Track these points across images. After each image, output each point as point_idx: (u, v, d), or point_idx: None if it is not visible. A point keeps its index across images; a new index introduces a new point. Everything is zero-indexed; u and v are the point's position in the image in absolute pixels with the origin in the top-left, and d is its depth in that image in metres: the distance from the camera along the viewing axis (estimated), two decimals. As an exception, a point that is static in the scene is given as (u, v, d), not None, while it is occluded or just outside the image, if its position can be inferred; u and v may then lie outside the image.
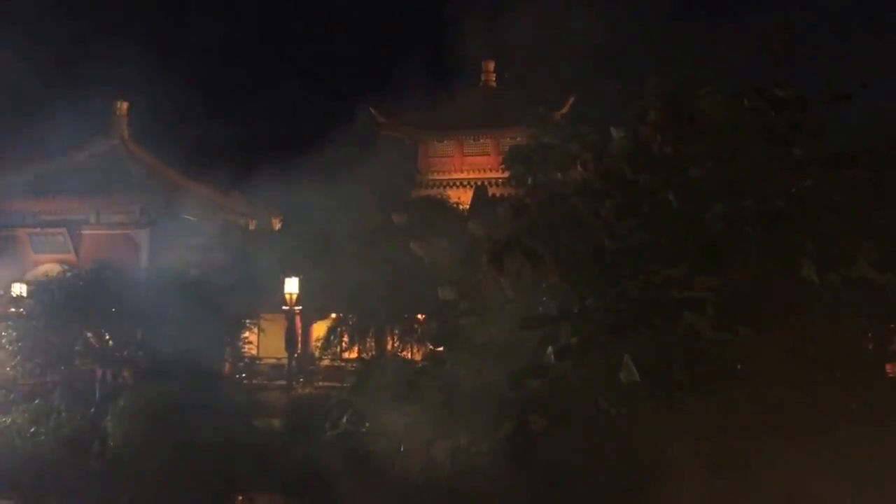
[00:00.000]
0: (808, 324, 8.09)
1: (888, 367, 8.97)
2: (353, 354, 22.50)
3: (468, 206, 24.57)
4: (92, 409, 19.03)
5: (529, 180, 9.60)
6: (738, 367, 8.56)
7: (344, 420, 9.61)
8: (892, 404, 7.99)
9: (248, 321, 23.14)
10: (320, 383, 22.07)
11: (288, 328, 22.60)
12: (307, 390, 21.66)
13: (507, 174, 10.78)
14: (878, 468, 7.98)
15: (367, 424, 9.41)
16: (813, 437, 8.27)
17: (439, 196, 29.60)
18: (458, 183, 35.07)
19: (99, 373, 20.73)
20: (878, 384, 8.38)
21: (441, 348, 10.68)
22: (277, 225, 35.89)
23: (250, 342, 23.49)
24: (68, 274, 22.89)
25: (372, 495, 12.53)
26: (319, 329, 25.66)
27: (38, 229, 31.31)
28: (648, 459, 8.97)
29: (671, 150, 7.75)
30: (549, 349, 8.06)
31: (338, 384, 17.43)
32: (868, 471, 8.00)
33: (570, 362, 8.10)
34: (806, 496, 8.21)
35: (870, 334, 8.52)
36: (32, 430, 18.69)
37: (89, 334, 20.94)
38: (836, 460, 8.15)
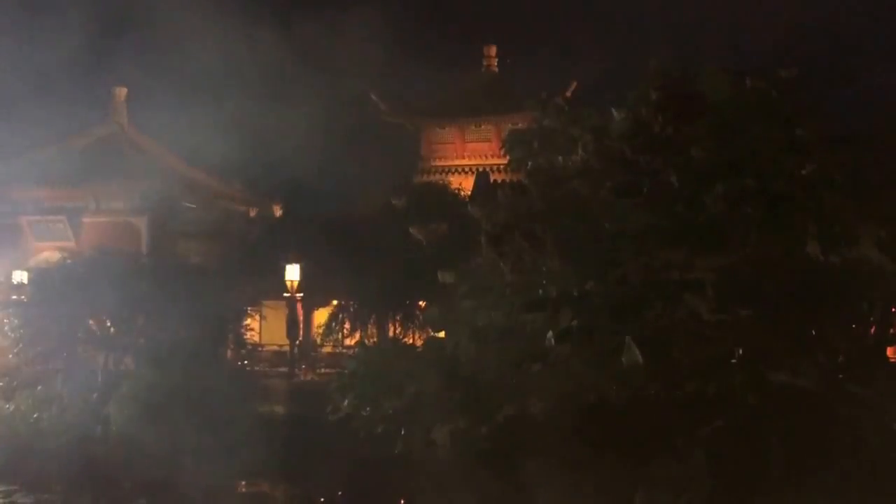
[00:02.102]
0: (810, 307, 8.06)
1: (889, 351, 8.94)
2: (355, 341, 22.51)
3: (469, 193, 24.50)
4: (94, 396, 19.08)
5: (529, 164, 9.54)
6: (739, 350, 8.53)
7: (345, 404, 9.58)
8: (892, 388, 7.96)
9: (249, 308, 23.15)
10: (322, 370, 22.11)
11: (289, 315, 22.62)
12: (309, 377, 21.70)
13: (508, 160, 10.72)
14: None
15: (368, 408, 9.40)
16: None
17: (441, 182, 29.54)
18: (459, 169, 34.96)
19: (101, 359, 20.77)
20: (879, 368, 8.35)
21: (442, 333, 10.68)
22: (278, 212, 35.87)
23: (252, 329, 23.50)
24: (69, 261, 22.85)
25: (372, 477, 12.59)
26: (321, 316, 25.69)
27: (39, 217, 31.26)
28: (648, 443, 8.96)
29: (672, 130, 7.69)
30: (550, 333, 8.05)
31: (339, 370, 17.43)
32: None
33: (570, 346, 8.09)
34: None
35: (871, 318, 8.47)
36: (35, 416, 18.75)
37: (91, 321, 20.96)
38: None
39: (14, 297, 22.63)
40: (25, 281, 23.51)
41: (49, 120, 30.53)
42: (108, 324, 21.01)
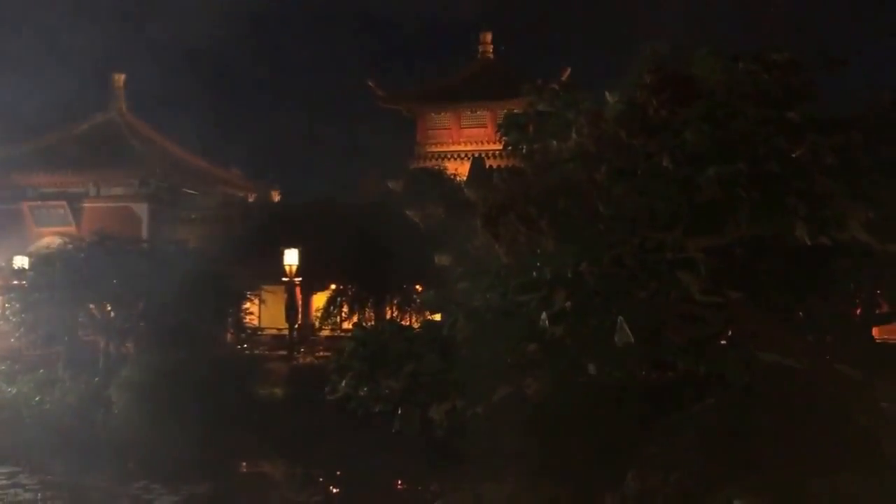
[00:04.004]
0: (799, 288, 8.19)
1: (875, 331, 9.09)
2: (353, 324, 22.67)
3: (465, 178, 24.57)
4: (96, 379, 19.25)
5: (524, 148, 9.61)
6: (730, 331, 8.67)
7: (343, 384, 9.71)
8: (879, 367, 8.12)
9: (248, 292, 23.30)
10: (320, 353, 22.29)
11: (288, 299, 22.77)
12: (308, 360, 21.88)
13: (503, 144, 10.78)
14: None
15: (366, 388, 9.53)
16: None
17: (437, 167, 29.61)
18: (455, 155, 35.08)
19: (102, 343, 20.92)
20: (866, 347, 8.50)
21: (438, 315, 10.81)
22: (276, 197, 36.00)
23: (251, 313, 23.67)
24: (69, 246, 22.94)
25: (370, 456, 12.78)
26: (319, 300, 25.88)
27: (39, 202, 31.41)
28: (641, 421, 9.12)
29: (666, 113, 7.77)
30: (544, 314, 8.16)
31: (338, 352, 17.59)
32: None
33: (564, 326, 8.21)
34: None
35: (858, 299, 8.61)
36: (38, 399, 18.93)
37: (91, 306, 21.09)
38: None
39: (15, 282, 22.74)
40: (27, 266, 23.62)
41: (49, 107, 30.62)
42: (109, 308, 21.15)
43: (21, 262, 24.60)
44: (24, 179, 31.59)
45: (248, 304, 23.24)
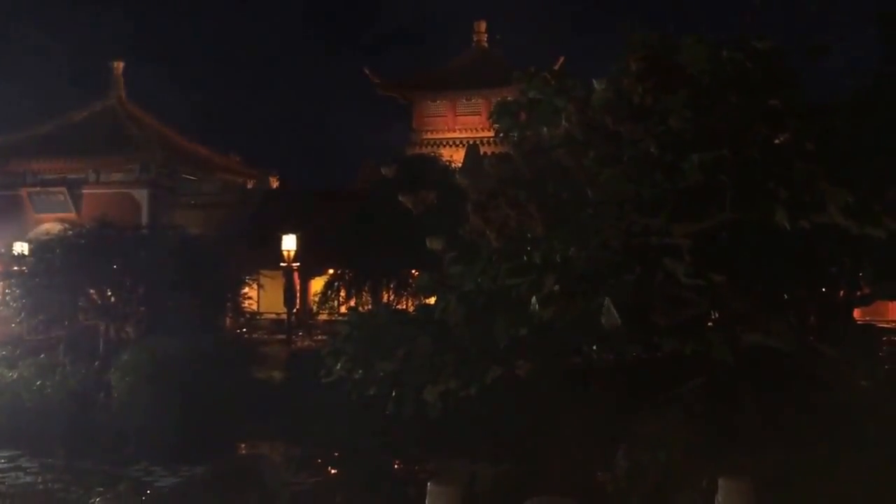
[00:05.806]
0: (782, 271, 8.38)
1: (856, 313, 9.29)
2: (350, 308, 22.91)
3: (460, 165, 24.71)
4: (96, 364, 19.41)
5: (515, 135, 9.76)
6: (715, 313, 8.87)
7: (338, 367, 9.90)
8: (860, 347, 8.33)
9: (247, 277, 23.48)
10: (318, 337, 22.53)
11: (286, 284, 22.97)
12: (306, 343, 22.13)
13: (495, 133, 10.90)
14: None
15: (361, 371, 9.72)
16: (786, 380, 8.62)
17: (432, 154, 29.79)
18: (450, 142, 35.28)
19: (102, 328, 21.09)
20: (847, 329, 8.71)
21: (432, 299, 10.98)
22: (275, 183, 36.15)
23: (250, 298, 23.87)
24: (69, 232, 23.08)
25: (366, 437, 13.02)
26: (317, 284, 26.12)
27: (39, 188, 31.54)
28: (629, 401, 9.35)
29: (652, 100, 7.92)
30: (534, 297, 8.36)
31: (334, 335, 17.80)
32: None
33: (553, 309, 8.40)
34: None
35: (840, 281, 8.79)
36: (39, 383, 19.07)
37: (91, 291, 21.24)
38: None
39: (15, 268, 22.89)
40: (26, 252, 23.77)
41: (48, 94, 30.72)
42: (109, 293, 21.30)
43: (21, 248, 24.75)
44: (24, 166, 31.70)
45: (246, 289, 23.43)
